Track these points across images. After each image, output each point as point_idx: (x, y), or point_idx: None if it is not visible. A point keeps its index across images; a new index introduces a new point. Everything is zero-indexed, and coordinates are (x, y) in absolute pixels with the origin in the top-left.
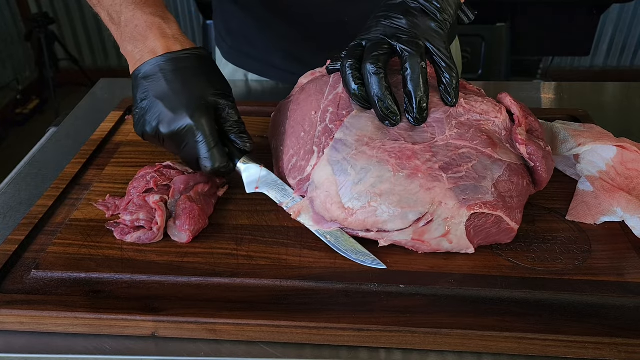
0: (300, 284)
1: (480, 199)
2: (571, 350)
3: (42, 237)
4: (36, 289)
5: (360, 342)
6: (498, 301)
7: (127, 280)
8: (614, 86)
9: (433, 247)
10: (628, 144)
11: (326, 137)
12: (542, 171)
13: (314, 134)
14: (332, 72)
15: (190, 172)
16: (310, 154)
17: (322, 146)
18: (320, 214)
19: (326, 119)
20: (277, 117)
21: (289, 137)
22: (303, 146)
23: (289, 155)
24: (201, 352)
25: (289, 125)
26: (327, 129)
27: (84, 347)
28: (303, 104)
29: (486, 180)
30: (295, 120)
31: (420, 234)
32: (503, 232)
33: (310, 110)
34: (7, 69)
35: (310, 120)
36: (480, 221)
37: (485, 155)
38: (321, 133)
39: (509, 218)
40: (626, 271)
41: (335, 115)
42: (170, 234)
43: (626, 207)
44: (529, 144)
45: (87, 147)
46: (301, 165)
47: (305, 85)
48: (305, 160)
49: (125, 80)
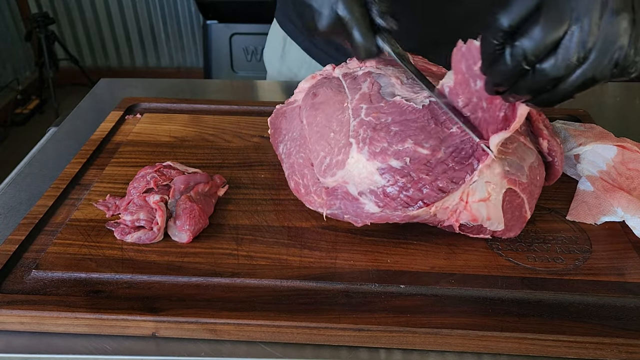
0: (300, 284)
1: (520, 178)
2: (571, 351)
3: (42, 237)
4: (36, 289)
5: (360, 342)
6: (498, 301)
7: (128, 280)
8: (614, 86)
9: (472, 214)
10: (629, 144)
11: (364, 129)
12: (559, 166)
13: (347, 130)
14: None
15: (191, 172)
16: (347, 147)
17: (361, 137)
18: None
19: (361, 114)
20: (281, 122)
21: (315, 141)
22: (336, 144)
23: (320, 158)
24: (201, 352)
25: (311, 130)
26: (363, 122)
27: (84, 347)
28: (323, 107)
29: (525, 162)
30: (319, 125)
31: (467, 195)
32: (518, 220)
33: (334, 112)
34: (7, 69)
35: (338, 120)
36: (508, 200)
37: (521, 141)
38: (357, 126)
39: (528, 205)
40: (626, 271)
41: (370, 109)
42: (171, 234)
43: (626, 207)
44: (550, 139)
45: (87, 147)
46: (338, 160)
47: (314, 89)
48: (343, 154)
49: (125, 80)
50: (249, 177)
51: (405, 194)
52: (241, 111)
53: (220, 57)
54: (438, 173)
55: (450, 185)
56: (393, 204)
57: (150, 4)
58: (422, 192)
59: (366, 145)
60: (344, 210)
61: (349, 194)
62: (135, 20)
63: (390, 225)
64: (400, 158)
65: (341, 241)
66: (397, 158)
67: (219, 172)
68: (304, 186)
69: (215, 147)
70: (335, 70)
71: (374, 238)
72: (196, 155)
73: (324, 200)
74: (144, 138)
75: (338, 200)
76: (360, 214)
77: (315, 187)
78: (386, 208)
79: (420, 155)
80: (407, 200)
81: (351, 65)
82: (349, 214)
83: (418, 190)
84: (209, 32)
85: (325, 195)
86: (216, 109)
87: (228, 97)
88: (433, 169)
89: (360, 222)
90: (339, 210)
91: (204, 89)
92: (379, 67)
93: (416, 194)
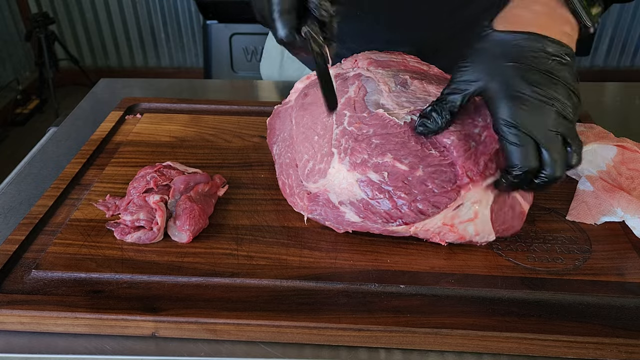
0: (300, 284)
1: None
2: (571, 351)
3: (43, 237)
4: (36, 289)
5: (360, 342)
6: (498, 301)
7: (128, 280)
8: (614, 86)
9: (459, 234)
10: (629, 144)
11: (346, 139)
12: None
13: (330, 136)
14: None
15: (190, 172)
16: (329, 156)
17: (342, 148)
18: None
19: (344, 121)
20: (276, 122)
21: (300, 142)
22: (319, 150)
23: (304, 160)
24: (201, 352)
25: (298, 131)
26: (345, 131)
27: (84, 347)
28: (311, 108)
29: None
30: (305, 126)
31: (451, 219)
32: (517, 217)
33: (320, 114)
34: (7, 69)
35: (323, 123)
36: (498, 207)
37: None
38: (339, 135)
39: (521, 198)
40: (626, 271)
41: (353, 118)
42: (171, 234)
43: (626, 207)
44: None
45: (87, 147)
46: (320, 168)
47: (306, 90)
48: (325, 162)
49: (125, 80)
50: (249, 177)
51: (385, 210)
52: (241, 111)
53: (220, 57)
54: (417, 193)
55: (431, 209)
56: (373, 217)
57: (150, 4)
58: (401, 211)
59: (347, 155)
60: (325, 216)
61: (330, 202)
62: (135, 20)
63: None
64: (379, 172)
65: (341, 241)
66: (376, 171)
67: (219, 172)
68: (289, 186)
69: (215, 147)
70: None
71: (374, 238)
72: (196, 155)
73: (306, 205)
74: (144, 138)
75: (319, 207)
76: (341, 222)
77: (298, 190)
78: (366, 220)
79: (399, 171)
80: (386, 216)
81: (345, 66)
82: (330, 221)
83: (396, 209)
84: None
85: (307, 200)
86: (216, 109)
87: (228, 97)
88: (412, 188)
89: (342, 229)
90: (319, 216)
91: (204, 89)
92: (369, 69)
93: (395, 212)
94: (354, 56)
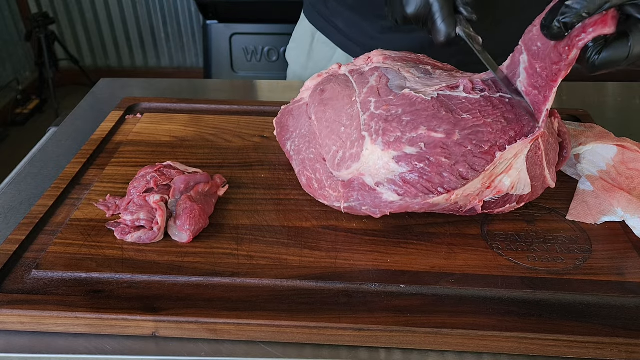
0: (300, 283)
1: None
2: (571, 350)
3: (43, 237)
4: (37, 288)
5: (360, 342)
6: (498, 301)
7: (128, 280)
8: (614, 86)
9: (497, 188)
10: (629, 144)
11: (375, 121)
12: (568, 148)
13: (358, 123)
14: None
15: (191, 171)
16: (360, 139)
17: (373, 130)
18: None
19: (370, 107)
20: (288, 120)
21: (326, 136)
22: (348, 138)
23: (333, 152)
24: (201, 352)
25: (321, 125)
26: (373, 115)
27: (84, 347)
28: (332, 103)
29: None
30: (329, 120)
31: (489, 177)
32: (538, 180)
33: (343, 107)
34: (7, 69)
35: (347, 114)
36: (530, 157)
37: None
38: (368, 119)
39: (546, 161)
40: (627, 271)
41: (380, 102)
42: (171, 233)
43: (627, 207)
44: (559, 118)
45: (87, 147)
46: (352, 153)
47: (321, 86)
48: (357, 147)
49: (125, 80)
50: (249, 177)
51: (425, 179)
52: (241, 111)
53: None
54: (457, 156)
55: (470, 172)
56: (413, 190)
57: (150, 4)
58: (442, 177)
59: (380, 136)
60: (362, 201)
61: (366, 185)
62: (135, 20)
63: (390, 225)
64: (415, 144)
65: (341, 241)
66: (412, 145)
67: (219, 172)
68: (317, 181)
69: (215, 147)
70: (341, 68)
71: (374, 238)
72: (196, 155)
73: (341, 193)
74: (144, 138)
75: (355, 192)
76: (379, 204)
77: (329, 182)
78: (406, 196)
79: (435, 139)
80: (427, 185)
81: (357, 63)
82: (367, 205)
83: (438, 175)
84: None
85: (341, 187)
86: (216, 109)
87: (228, 97)
88: (451, 151)
89: (379, 213)
90: (356, 202)
91: (204, 89)
92: (386, 62)
93: (436, 177)
94: (365, 54)
